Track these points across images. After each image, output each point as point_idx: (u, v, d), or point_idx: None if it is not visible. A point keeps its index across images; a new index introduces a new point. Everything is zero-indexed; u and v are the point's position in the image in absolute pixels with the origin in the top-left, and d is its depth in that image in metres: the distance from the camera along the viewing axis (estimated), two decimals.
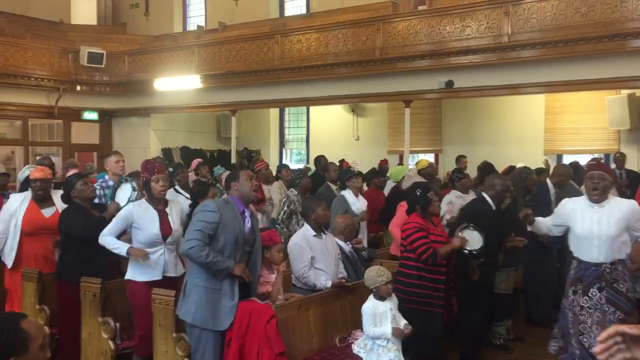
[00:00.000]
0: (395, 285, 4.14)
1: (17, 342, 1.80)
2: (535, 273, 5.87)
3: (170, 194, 6.03)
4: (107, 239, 4.25)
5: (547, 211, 4.83)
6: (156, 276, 4.25)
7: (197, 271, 3.75)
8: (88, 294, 4.38)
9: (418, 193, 4.57)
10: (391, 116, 12.52)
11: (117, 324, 4.32)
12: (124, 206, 4.64)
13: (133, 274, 4.28)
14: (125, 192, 5.10)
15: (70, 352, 4.46)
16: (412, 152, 11.02)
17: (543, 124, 10.88)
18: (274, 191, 7.77)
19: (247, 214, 3.84)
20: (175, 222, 4.38)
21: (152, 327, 4.09)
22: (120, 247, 4.20)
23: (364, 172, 8.27)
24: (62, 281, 4.57)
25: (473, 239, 4.59)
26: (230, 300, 3.71)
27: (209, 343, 3.72)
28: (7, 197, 6.03)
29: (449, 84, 9.59)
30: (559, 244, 5.39)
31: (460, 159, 9.55)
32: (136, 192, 4.93)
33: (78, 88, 13.13)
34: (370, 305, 3.93)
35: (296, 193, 6.88)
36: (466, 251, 4.55)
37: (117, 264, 4.91)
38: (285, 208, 6.69)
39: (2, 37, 12.30)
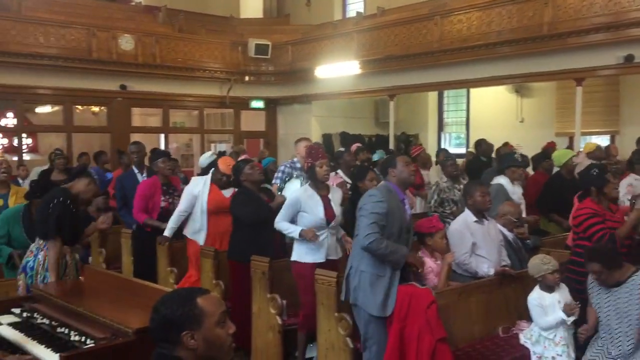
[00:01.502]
0: (566, 274, 3.91)
1: (191, 317, 1.93)
2: None
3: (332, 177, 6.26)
4: (281, 224, 4.50)
5: None
6: (320, 258, 4.43)
7: (362, 257, 3.81)
8: (257, 272, 4.68)
9: (594, 173, 4.24)
10: (560, 96, 11.69)
11: (284, 301, 4.57)
12: None
13: (299, 255, 4.49)
14: (294, 186, 5.37)
15: (243, 325, 4.81)
16: (583, 133, 10.21)
17: None
18: (433, 176, 7.72)
19: (406, 200, 3.84)
20: (336, 208, 4.52)
21: (315, 306, 4.27)
22: (293, 231, 4.42)
23: (529, 156, 7.84)
24: (233, 260, 4.96)
25: None
26: (392, 287, 3.74)
27: (378, 327, 3.79)
28: (182, 180, 6.66)
29: (629, 58, 8.71)
30: None
31: None
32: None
33: (246, 78, 13.99)
34: (536, 297, 3.75)
35: (445, 180, 6.67)
36: None
37: (282, 244, 5.20)
38: (435, 197, 6.53)
39: (181, 34, 13.47)
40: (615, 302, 3.47)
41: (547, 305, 3.74)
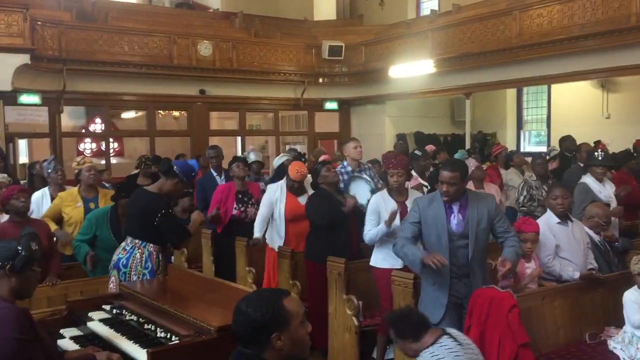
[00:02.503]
0: None
1: (280, 319, 1.98)
2: None
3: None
4: (371, 234, 4.45)
5: None
6: (396, 265, 4.36)
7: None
8: (333, 273, 4.69)
9: None
10: None
11: (360, 302, 4.57)
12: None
13: (376, 260, 4.52)
14: (360, 188, 5.34)
15: (319, 325, 4.84)
16: None
17: None
18: (510, 178, 7.53)
19: (454, 208, 3.72)
20: None
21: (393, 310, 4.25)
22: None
23: (616, 153, 7.45)
24: (309, 260, 5.01)
25: None
26: (440, 294, 3.70)
27: None
28: (263, 182, 6.79)
29: None
30: None
31: None
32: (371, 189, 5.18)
33: (320, 80, 14.09)
34: (634, 293, 3.58)
35: (535, 178, 6.50)
36: None
37: (357, 246, 5.20)
38: (525, 193, 6.37)
39: (257, 39, 13.74)
40: None
41: None
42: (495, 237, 3.83)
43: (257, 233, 5.52)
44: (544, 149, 12.93)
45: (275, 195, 5.44)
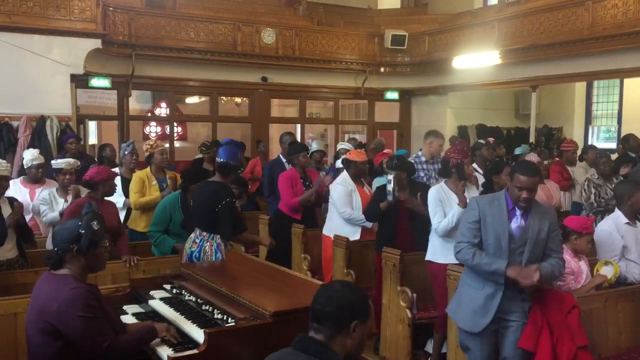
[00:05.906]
0: None
1: (366, 309, 2.11)
2: None
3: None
4: (442, 225, 4.36)
5: None
6: (453, 260, 4.31)
7: (466, 267, 3.64)
8: (388, 264, 4.70)
9: None
10: None
11: (414, 295, 4.55)
12: None
13: (433, 255, 4.49)
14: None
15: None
16: None
17: None
18: (577, 172, 7.35)
19: (517, 212, 3.43)
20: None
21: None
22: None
23: None
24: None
25: None
26: (488, 304, 3.43)
27: (472, 342, 3.55)
28: (324, 171, 6.83)
29: None
30: None
31: None
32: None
33: (382, 70, 13.96)
34: None
35: (597, 177, 6.26)
36: None
37: (411, 238, 5.16)
38: (594, 190, 6.16)
39: (320, 27, 13.74)
40: None
41: None
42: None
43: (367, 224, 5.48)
44: (613, 145, 12.43)
45: (349, 188, 5.45)
